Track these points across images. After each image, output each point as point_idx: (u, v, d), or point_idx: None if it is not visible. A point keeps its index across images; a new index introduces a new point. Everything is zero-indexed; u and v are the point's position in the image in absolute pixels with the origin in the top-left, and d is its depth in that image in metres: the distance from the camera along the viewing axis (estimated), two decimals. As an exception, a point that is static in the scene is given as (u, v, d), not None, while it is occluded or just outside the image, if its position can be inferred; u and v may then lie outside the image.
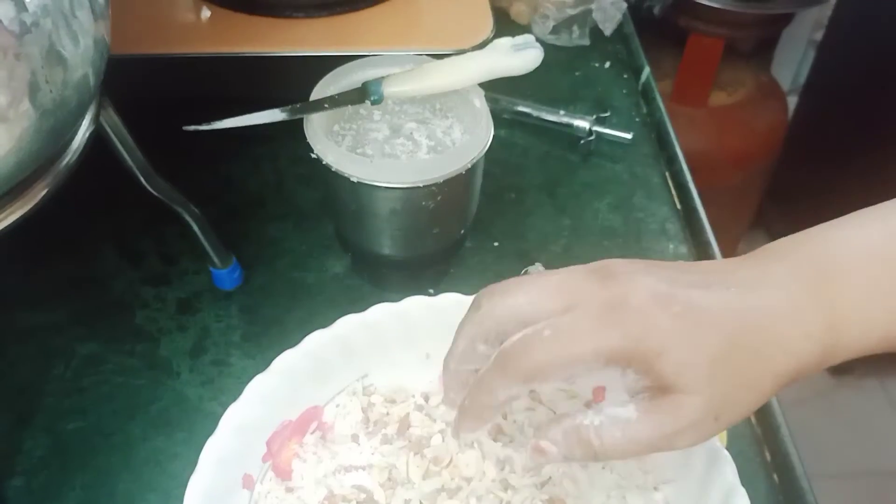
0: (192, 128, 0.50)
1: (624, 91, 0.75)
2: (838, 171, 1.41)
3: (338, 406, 0.43)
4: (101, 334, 0.53)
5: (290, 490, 0.40)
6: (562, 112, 0.68)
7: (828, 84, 1.49)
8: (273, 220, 0.61)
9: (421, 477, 0.40)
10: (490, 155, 0.53)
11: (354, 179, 0.49)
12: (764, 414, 0.51)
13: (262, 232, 0.60)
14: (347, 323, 0.42)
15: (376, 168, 0.49)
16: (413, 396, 0.44)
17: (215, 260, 0.54)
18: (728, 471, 0.36)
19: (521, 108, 0.69)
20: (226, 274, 0.55)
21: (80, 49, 0.36)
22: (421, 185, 0.49)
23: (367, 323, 0.42)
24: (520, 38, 0.50)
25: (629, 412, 0.32)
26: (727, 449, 0.46)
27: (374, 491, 0.39)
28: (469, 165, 0.50)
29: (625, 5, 0.78)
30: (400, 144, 0.55)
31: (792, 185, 1.57)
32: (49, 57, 0.33)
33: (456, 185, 0.51)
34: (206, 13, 0.65)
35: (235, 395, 0.50)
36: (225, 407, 0.50)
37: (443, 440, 0.41)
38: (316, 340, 0.41)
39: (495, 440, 0.41)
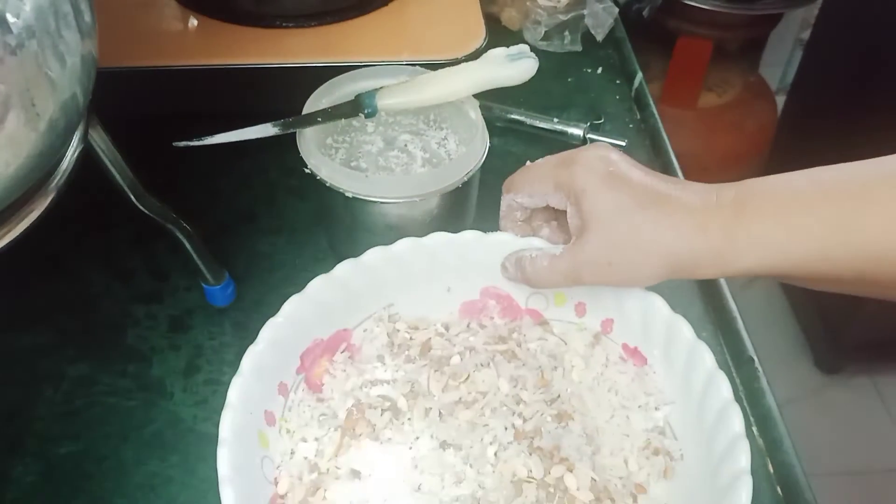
0: (183, 144, 0.49)
1: (617, 97, 0.74)
2: (827, 169, 1.41)
3: (365, 331, 0.46)
4: (91, 355, 0.52)
5: (320, 400, 0.44)
6: (555, 119, 0.68)
7: (816, 83, 1.49)
8: (265, 235, 0.60)
9: (440, 390, 0.43)
10: (484, 164, 0.52)
11: (349, 195, 0.48)
12: (763, 415, 0.51)
13: (254, 247, 0.59)
14: (374, 254, 0.45)
15: (371, 183, 0.48)
16: (434, 325, 0.47)
17: (208, 276, 0.53)
18: (724, 388, 0.39)
19: (514, 116, 0.68)
20: (218, 290, 0.54)
21: (68, 69, 0.35)
22: (417, 199, 0.48)
23: (393, 255, 0.45)
24: (514, 49, 0.50)
25: (557, 249, 0.42)
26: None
27: (397, 400, 0.43)
28: (466, 178, 0.49)
29: (616, 10, 0.77)
30: (394, 157, 0.54)
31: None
32: (36, 79, 0.32)
33: (452, 198, 0.50)
34: (193, 24, 0.64)
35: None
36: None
37: (461, 360, 0.45)
38: (345, 269, 0.44)
39: (509, 362, 0.44)
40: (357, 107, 0.50)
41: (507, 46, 0.51)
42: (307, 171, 0.49)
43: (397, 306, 0.47)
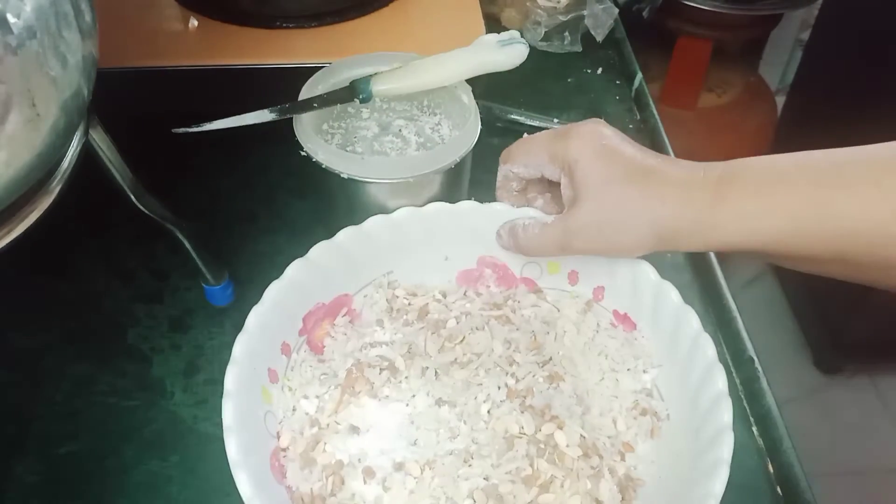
0: (182, 130, 0.49)
1: (617, 97, 0.74)
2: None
3: (365, 297, 0.48)
4: (91, 355, 0.52)
5: (321, 361, 0.46)
6: (555, 120, 0.68)
7: (816, 83, 1.49)
8: (265, 234, 0.60)
9: (437, 351, 0.45)
10: (484, 164, 0.52)
11: (345, 175, 0.49)
12: (763, 415, 0.51)
13: (254, 247, 0.59)
14: (375, 221, 0.46)
15: (366, 165, 0.49)
16: (432, 292, 0.49)
17: (208, 276, 0.53)
18: (709, 350, 0.41)
19: (514, 117, 0.68)
20: (219, 290, 0.54)
21: (68, 69, 0.35)
22: (411, 179, 0.49)
23: (392, 223, 0.47)
24: (505, 34, 0.51)
25: (549, 218, 0.44)
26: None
27: (395, 360, 0.44)
28: (458, 160, 0.50)
29: (616, 11, 0.77)
30: (389, 142, 0.55)
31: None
32: (36, 79, 0.33)
33: (446, 180, 0.51)
34: (193, 24, 0.64)
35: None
36: (220, 428, 0.49)
37: (457, 323, 0.46)
38: (347, 235, 0.46)
39: (503, 326, 0.46)
40: (352, 92, 0.51)
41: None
42: (303, 153, 0.50)
43: (396, 273, 0.49)
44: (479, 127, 0.52)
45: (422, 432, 0.42)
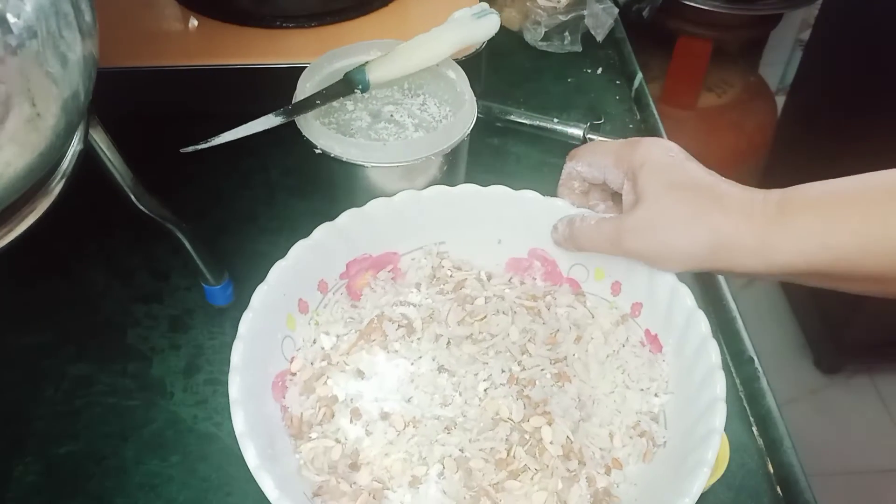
0: (191, 149, 0.49)
1: (617, 97, 0.74)
2: (827, 168, 1.41)
3: (413, 259, 0.50)
4: (91, 355, 0.52)
5: (353, 306, 0.48)
6: (555, 120, 0.68)
7: (815, 83, 1.49)
8: (265, 234, 0.60)
9: (456, 322, 0.46)
10: (484, 163, 0.53)
11: (369, 165, 0.50)
12: (763, 415, 0.51)
13: (254, 247, 0.59)
14: (434, 191, 0.48)
15: (385, 150, 0.50)
16: (478, 271, 0.50)
17: (208, 277, 0.53)
18: (717, 389, 0.40)
19: (513, 117, 0.68)
20: (219, 290, 0.54)
21: (68, 69, 0.35)
22: (433, 156, 0.51)
23: (452, 197, 0.48)
24: (476, 7, 0.54)
25: (608, 215, 0.45)
26: (729, 459, 0.46)
27: (414, 320, 0.46)
28: (464, 137, 0.52)
29: (616, 11, 0.77)
30: (384, 128, 0.56)
31: (782, 183, 1.56)
32: (36, 79, 0.32)
33: (449, 159, 0.53)
34: (193, 24, 0.64)
35: (230, 414, 0.50)
36: (220, 428, 0.49)
37: (485, 303, 0.48)
38: (403, 197, 0.48)
39: (529, 316, 0.47)
40: (350, 84, 0.52)
41: (507, 47, 0.52)
42: (318, 151, 0.50)
43: (448, 245, 0.50)
44: (475, 103, 0.54)
45: (418, 392, 0.43)
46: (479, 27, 0.53)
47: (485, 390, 0.43)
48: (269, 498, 0.36)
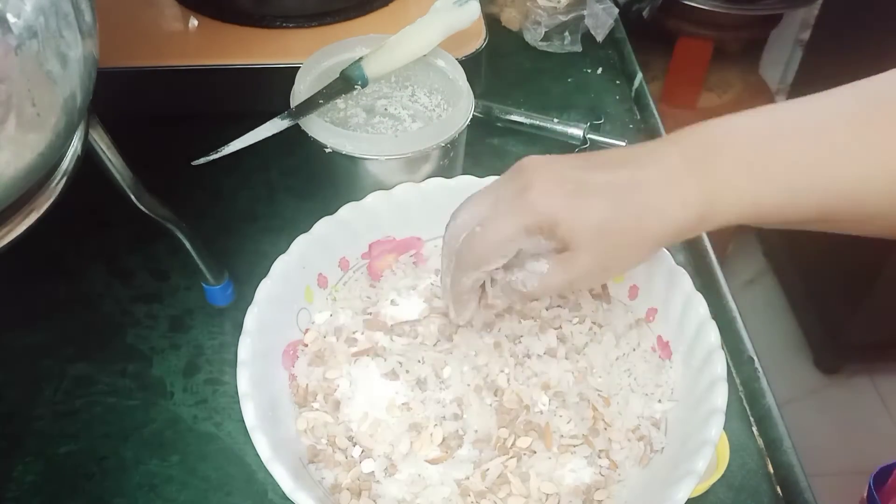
0: (202, 160, 0.49)
1: (617, 97, 0.74)
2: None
3: (436, 246, 0.49)
4: (91, 354, 0.52)
5: (372, 286, 0.49)
6: (555, 120, 0.68)
7: (815, 83, 1.49)
8: (265, 234, 0.60)
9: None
10: (484, 163, 0.53)
11: (384, 158, 0.50)
12: (763, 415, 0.51)
13: (254, 247, 0.59)
14: (465, 180, 0.48)
15: (399, 142, 0.51)
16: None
17: (208, 277, 0.53)
18: (719, 401, 0.39)
19: (514, 117, 0.68)
20: (219, 290, 0.54)
21: (68, 69, 0.35)
22: (444, 144, 0.52)
23: (479, 186, 0.47)
24: None
25: (542, 266, 0.40)
26: (729, 459, 0.46)
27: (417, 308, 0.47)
28: (468, 122, 0.53)
29: (616, 11, 0.77)
30: (380, 122, 0.56)
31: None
32: (36, 79, 0.33)
33: (449, 149, 0.53)
34: (193, 24, 0.64)
35: (230, 414, 0.50)
36: (220, 428, 0.49)
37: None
38: (433, 184, 0.48)
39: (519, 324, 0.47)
40: (349, 81, 0.52)
41: (507, 47, 0.52)
42: (327, 150, 0.51)
43: None
44: (471, 93, 0.55)
45: (428, 374, 0.43)
46: (462, 14, 0.55)
47: (493, 378, 0.43)
48: (262, 458, 0.36)
